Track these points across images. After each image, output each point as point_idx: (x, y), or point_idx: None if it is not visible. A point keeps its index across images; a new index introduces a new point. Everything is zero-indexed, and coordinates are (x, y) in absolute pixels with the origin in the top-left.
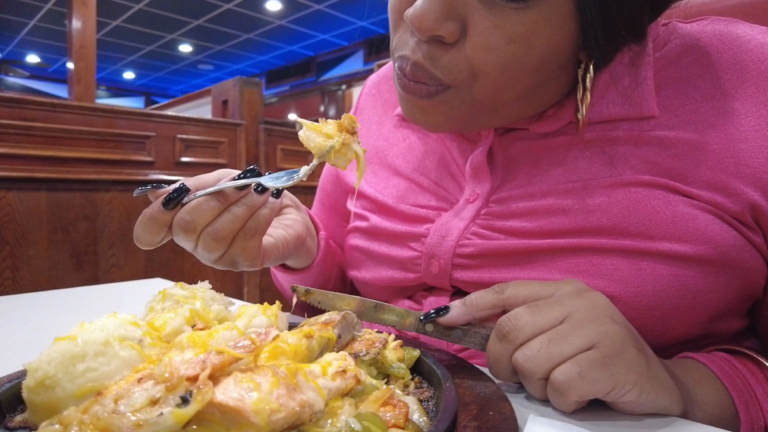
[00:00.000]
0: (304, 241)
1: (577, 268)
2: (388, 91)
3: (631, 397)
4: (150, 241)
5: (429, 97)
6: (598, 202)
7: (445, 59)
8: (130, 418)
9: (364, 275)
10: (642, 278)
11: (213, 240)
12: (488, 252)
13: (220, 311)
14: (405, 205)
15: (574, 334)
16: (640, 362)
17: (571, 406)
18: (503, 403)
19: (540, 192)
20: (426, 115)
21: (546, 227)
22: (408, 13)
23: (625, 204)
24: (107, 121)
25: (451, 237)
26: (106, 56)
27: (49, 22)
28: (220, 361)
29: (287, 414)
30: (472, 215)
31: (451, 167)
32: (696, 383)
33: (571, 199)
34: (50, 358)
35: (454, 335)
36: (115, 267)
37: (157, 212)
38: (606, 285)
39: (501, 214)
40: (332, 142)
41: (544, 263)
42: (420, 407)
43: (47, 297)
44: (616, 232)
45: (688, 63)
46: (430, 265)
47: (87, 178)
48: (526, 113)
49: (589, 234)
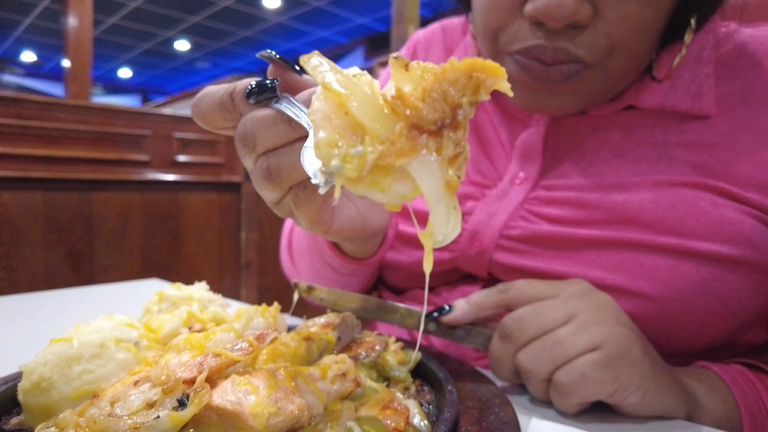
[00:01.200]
0: (386, 228)
1: (619, 266)
2: (435, 54)
3: (634, 399)
4: (210, 117)
5: (567, 80)
6: (646, 199)
7: (584, 40)
8: (127, 421)
9: (390, 257)
10: (682, 280)
11: (264, 174)
12: (534, 237)
13: (217, 313)
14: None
15: (578, 336)
16: (645, 364)
17: (573, 407)
18: (505, 407)
19: (588, 182)
20: (558, 98)
21: (591, 218)
22: (538, 7)
23: (671, 202)
24: (103, 119)
25: (499, 217)
26: (103, 54)
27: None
28: (218, 364)
29: (286, 418)
30: (521, 198)
31: (494, 145)
32: (705, 391)
33: (618, 193)
34: (46, 360)
35: (457, 335)
36: (111, 267)
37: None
38: (646, 286)
39: (548, 200)
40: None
41: (586, 257)
42: (421, 411)
43: (43, 298)
44: (660, 230)
45: (746, 66)
46: (472, 244)
47: (83, 178)
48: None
49: (633, 229)
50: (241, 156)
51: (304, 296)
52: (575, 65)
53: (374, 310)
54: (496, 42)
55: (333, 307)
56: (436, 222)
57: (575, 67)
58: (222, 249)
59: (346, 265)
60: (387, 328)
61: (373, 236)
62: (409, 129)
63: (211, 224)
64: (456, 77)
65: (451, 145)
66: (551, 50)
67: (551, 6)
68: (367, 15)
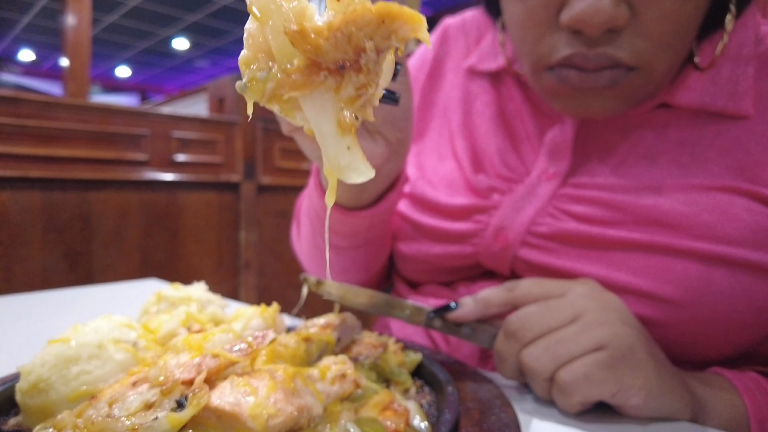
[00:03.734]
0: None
1: (647, 270)
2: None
3: (637, 401)
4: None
5: (614, 84)
6: (677, 202)
7: (624, 42)
8: (125, 422)
9: (408, 249)
10: (713, 288)
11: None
12: (561, 235)
13: (216, 313)
14: (480, 175)
15: (582, 335)
16: (649, 366)
17: (575, 407)
18: (506, 408)
19: (618, 182)
20: (603, 101)
21: (620, 218)
22: (574, 15)
23: (704, 206)
24: (102, 119)
25: (527, 213)
26: (101, 53)
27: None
28: (216, 365)
29: (285, 419)
30: (549, 194)
31: (522, 139)
32: (712, 395)
33: (648, 195)
34: (44, 360)
35: (463, 332)
36: (109, 267)
37: None
38: (674, 291)
39: (576, 197)
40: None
41: (613, 258)
42: (421, 412)
43: (41, 298)
44: (691, 234)
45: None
46: (497, 239)
47: (81, 177)
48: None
49: (663, 232)
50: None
51: (313, 290)
52: (619, 70)
53: (382, 306)
54: (535, 56)
55: (341, 302)
56: (326, 156)
57: (619, 71)
58: (221, 249)
59: (346, 219)
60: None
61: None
62: (308, 64)
63: (209, 224)
64: (367, 20)
65: (351, 87)
66: (593, 57)
67: (588, 13)
68: None
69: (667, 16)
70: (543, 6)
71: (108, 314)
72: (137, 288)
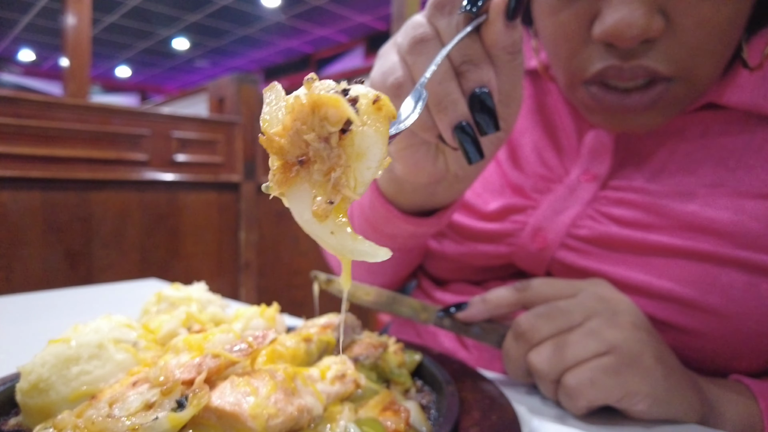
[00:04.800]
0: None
1: (690, 278)
2: None
3: (642, 406)
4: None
5: (654, 104)
6: (723, 208)
7: (661, 53)
8: (125, 422)
9: (439, 247)
10: (759, 300)
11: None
12: (602, 238)
13: (216, 313)
14: (515, 171)
15: (590, 339)
16: (656, 372)
17: (580, 410)
18: (506, 408)
19: (660, 186)
20: (643, 117)
21: (662, 224)
22: (606, 29)
23: (751, 215)
24: (101, 119)
25: (567, 215)
26: (101, 53)
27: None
28: (217, 365)
29: (285, 419)
30: (590, 197)
31: (561, 137)
32: (728, 400)
33: (692, 200)
34: (44, 360)
35: (472, 332)
36: (109, 267)
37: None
38: (718, 302)
39: (617, 200)
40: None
41: (655, 264)
42: (421, 412)
43: (41, 298)
44: (737, 243)
45: None
46: (535, 239)
47: (81, 178)
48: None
49: (707, 239)
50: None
51: (323, 288)
52: (659, 88)
53: (390, 303)
54: (569, 71)
55: (351, 300)
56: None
57: (659, 89)
58: (221, 249)
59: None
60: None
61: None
62: (282, 164)
63: (209, 224)
64: (304, 114)
65: (318, 175)
66: (627, 69)
67: (621, 26)
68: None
69: (705, 22)
70: (575, 19)
71: (108, 314)
72: (137, 288)
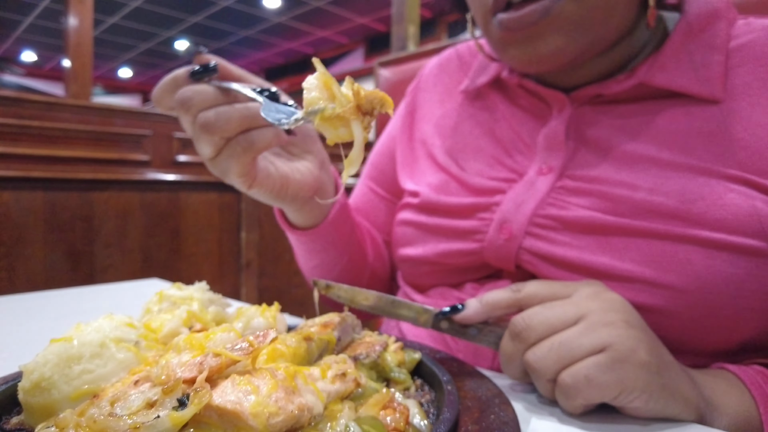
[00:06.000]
0: (310, 194)
1: (650, 258)
2: (450, 74)
3: (638, 403)
4: (159, 100)
5: (546, 15)
6: (672, 190)
7: None
8: (127, 421)
9: (413, 251)
10: (715, 274)
11: (200, 128)
12: (565, 222)
13: (217, 313)
14: (475, 176)
15: (585, 337)
16: (650, 368)
17: (577, 408)
18: (505, 406)
19: (613, 172)
20: (544, 39)
21: (619, 208)
22: None
23: (699, 193)
24: (103, 119)
25: (528, 205)
26: (103, 54)
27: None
28: (218, 364)
29: (286, 417)
30: (548, 187)
31: (518, 143)
32: (722, 393)
33: (645, 183)
34: (46, 359)
35: (470, 333)
36: (111, 267)
37: (180, 75)
38: (677, 279)
39: (574, 189)
40: (324, 105)
41: (616, 247)
42: (421, 410)
43: (43, 297)
44: (690, 222)
45: (766, 53)
46: (500, 232)
47: (83, 178)
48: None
49: (662, 220)
50: (182, 119)
51: (322, 293)
52: (543, 1)
53: (389, 307)
54: (479, 8)
55: (350, 304)
56: (355, 154)
57: (543, 3)
58: (222, 249)
59: (300, 236)
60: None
61: (294, 200)
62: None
63: (211, 224)
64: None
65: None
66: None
67: None
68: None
69: None
70: None
71: (110, 313)
72: (139, 287)
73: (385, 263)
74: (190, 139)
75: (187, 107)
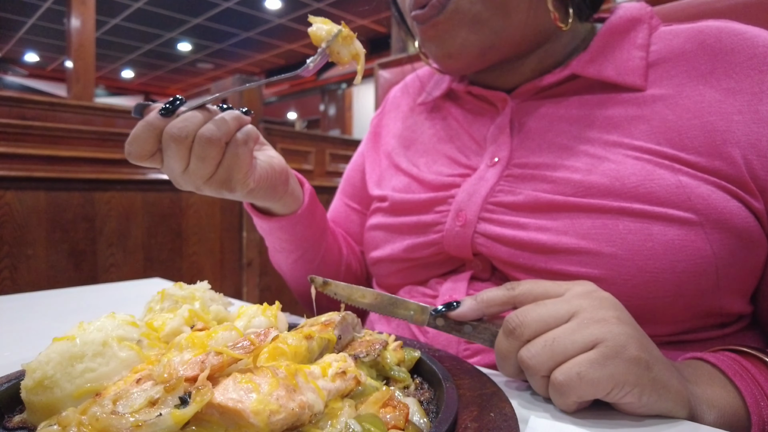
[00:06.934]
0: (288, 178)
1: (592, 232)
2: (412, 95)
3: (631, 398)
4: (141, 151)
5: (442, 10)
6: (608, 169)
7: None
8: (129, 419)
9: (382, 252)
10: (652, 242)
11: (206, 143)
12: (515, 204)
13: (219, 312)
14: (432, 175)
15: (576, 333)
16: (641, 363)
17: (571, 406)
18: (504, 404)
19: (554, 156)
20: (450, 35)
21: (560, 189)
22: None
23: (632, 169)
24: (106, 120)
25: (480, 194)
26: (105, 55)
27: (48, 20)
28: (219, 362)
29: (287, 415)
30: (497, 177)
31: (471, 143)
32: (707, 385)
33: (583, 164)
34: (49, 358)
35: (465, 330)
36: (113, 267)
37: (153, 118)
38: (618, 249)
39: (521, 176)
40: (341, 27)
41: (563, 224)
42: (420, 408)
43: (45, 297)
44: (625, 196)
45: (687, 50)
46: (456, 220)
47: (86, 178)
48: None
49: (600, 195)
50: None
51: (319, 290)
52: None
53: (386, 306)
54: (408, 15)
55: (347, 302)
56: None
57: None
58: (224, 248)
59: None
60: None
61: (284, 186)
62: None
63: (212, 224)
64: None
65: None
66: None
67: None
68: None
69: None
70: None
71: (112, 313)
72: (141, 287)
73: (362, 267)
74: None
75: (184, 135)
